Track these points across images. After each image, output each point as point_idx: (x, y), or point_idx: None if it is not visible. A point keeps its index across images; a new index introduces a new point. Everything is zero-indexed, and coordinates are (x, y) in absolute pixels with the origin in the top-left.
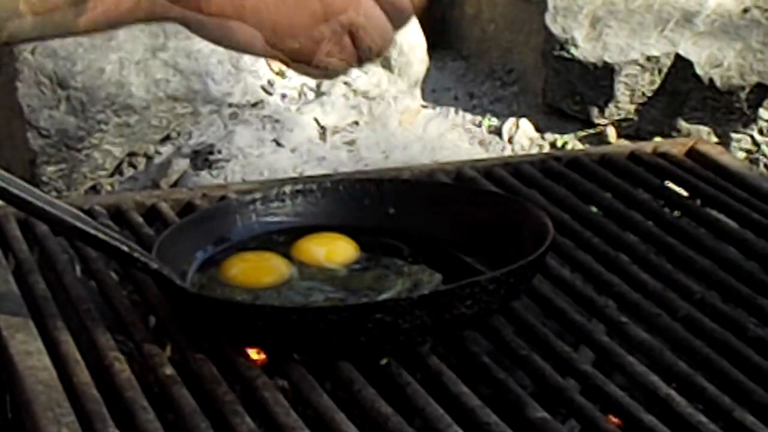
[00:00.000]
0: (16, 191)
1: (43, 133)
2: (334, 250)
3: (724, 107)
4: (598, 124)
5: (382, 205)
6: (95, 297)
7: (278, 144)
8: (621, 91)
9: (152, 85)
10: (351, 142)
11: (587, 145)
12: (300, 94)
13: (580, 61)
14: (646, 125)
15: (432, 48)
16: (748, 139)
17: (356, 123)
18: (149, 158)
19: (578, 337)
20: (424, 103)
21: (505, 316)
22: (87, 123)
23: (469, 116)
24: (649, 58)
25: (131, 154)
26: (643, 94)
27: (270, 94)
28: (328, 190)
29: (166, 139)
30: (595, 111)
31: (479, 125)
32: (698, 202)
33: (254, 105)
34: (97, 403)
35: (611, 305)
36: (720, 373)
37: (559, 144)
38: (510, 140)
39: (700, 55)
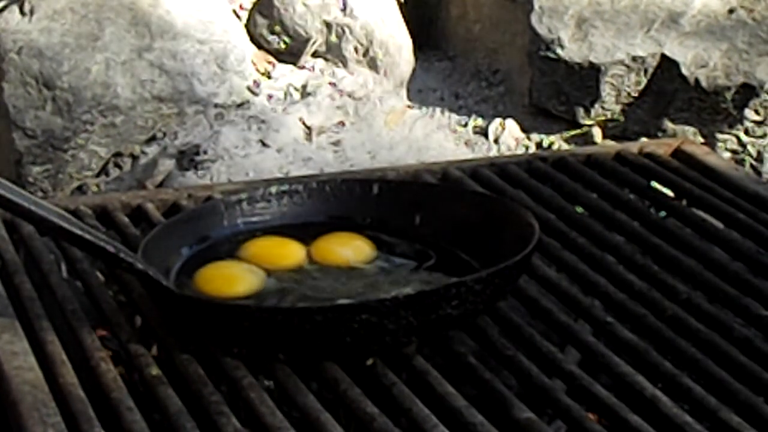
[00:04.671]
0: (1, 192)
1: (28, 133)
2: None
3: (710, 107)
4: (584, 125)
5: (368, 206)
6: (81, 297)
7: (264, 144)
8: (607, 92)
9: (138, 86)
10: (337, 143)
11: (573, 146)
12: (286, 95)
13: (566, 62)
14: (632, 125)
15: (418, 48)
16: (734, 139)
17: (342, 123)
18: (135, 158)
19: (564, 337)
20: (410, 104)
21: (491, 317)
22: (73, 123)
23: (455, 116)
24: (634, 59)
25: (117, 155)
26: (629, 94)
27: (256, 94)
28: (314, 191)
29: (152, 139)
30: (581, 111)
31: (465, 125)
32: (684, 202)
33: (240, 105)
34: (82, 403)
35: (597, 305)
36: (706, 373)
37: (545, 144)
38: (496, 140)
39: (686, 55)
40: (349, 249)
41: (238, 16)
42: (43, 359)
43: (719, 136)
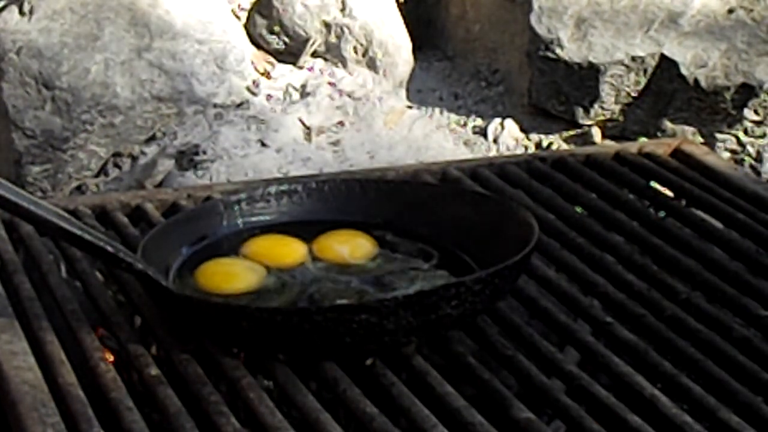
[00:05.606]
0: (1, 192)
1: (28, 133)
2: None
3: (709, 107)
4: (584, 125)
5: (367, 206)
6: (80, 297)
7: (263, 144)
8: (606, 92)
9: (137, 86)
10: (336, 143)
11: (572, 146)
12: (285, 95)
13: (566, 62)
14: (631, 125)
15: (417, 49)
16: (733, 139)
17: (341, 123)
18: (134, 159)
19: (563, 337)
20: (410, 104)
21: (491, 317)
22: (72, 123)
23: (454, 116)
24: (634, 59)
25: (116, 155)
26: (629, 94)
27: (255, 94)
28: (313, 191)
29: (151, 139)
30: (580, 111)
31: (464, 126)
32: (683, 202)
33: (239, 105)
34: (82, 403)
35: (596, 305)
36: (705, 373)
37: (544, 144)
38: (495, 141)
39: (685, 55)
40: (351, 246)
41: (237, 17)
42: (42, 359)
43: (718, 136)
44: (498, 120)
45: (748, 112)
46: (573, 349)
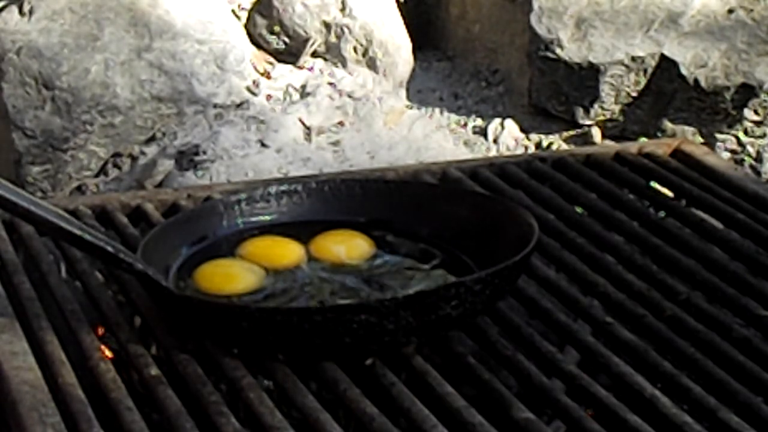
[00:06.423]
0: (0, 192)
1: (28, 133)
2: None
3: (709, 108)
4: (584, 125)
5: (367, 206)
6: (80, 297)
7: (263, 145)
8: (606, 92)
9: (137, 86)
10: (336, 143)
11: (572, 146)
12: (285, 95)
13: (566, 62)
14: (631, 125)
15: (417, 49)
16: (733, 139)
17: (341, 124)
18: (134, 159)
19: (563, 337)
20: (409, 104)
21: (491, 317)
22: (72, 124)
23: (454, 117)
24: (634, 59)
25: (116, 155)
26: (628, 94)
27: (255, 94)
28: (313, 191)
29: (151, 139)
30: (580, 111)
31: (464, 126)
32: (683, 202)
33: (239, 106)
34: (82, 403)
35: (596, 306)
36: (705, 374)
37: (544, 144)
38: (495, 141)
39: (685, 55)
40: (348, 246)
41: (237, 16)
42: (42, 359)
43: (718, 136)
44: (498, 120)
45: (748, 112)
46: (573, 349)
